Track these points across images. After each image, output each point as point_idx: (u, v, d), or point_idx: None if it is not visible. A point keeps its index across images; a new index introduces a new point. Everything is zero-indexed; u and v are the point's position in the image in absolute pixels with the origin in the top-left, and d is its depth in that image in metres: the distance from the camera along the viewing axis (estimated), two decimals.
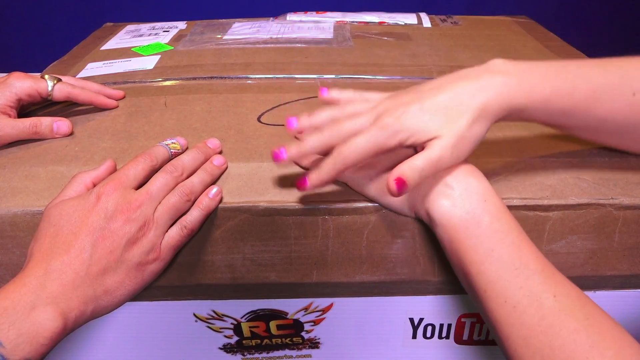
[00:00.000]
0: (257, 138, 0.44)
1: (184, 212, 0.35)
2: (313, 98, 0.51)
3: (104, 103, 0.49)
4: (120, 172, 0.35)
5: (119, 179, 0.34)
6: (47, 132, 0.44)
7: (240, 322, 0.44)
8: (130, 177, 0.35)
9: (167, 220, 0.34)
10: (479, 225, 0.32)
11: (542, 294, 0.29)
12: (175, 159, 0.37)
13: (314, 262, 0.39)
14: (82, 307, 0.31)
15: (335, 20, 0.80)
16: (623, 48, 1.34)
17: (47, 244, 0.32)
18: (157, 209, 0.34)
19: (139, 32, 0.75)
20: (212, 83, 0.55)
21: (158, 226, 0.34)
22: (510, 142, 0.43)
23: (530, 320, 0.29)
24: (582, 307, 0.28)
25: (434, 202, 0.33)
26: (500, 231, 0.31)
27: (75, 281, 0.31)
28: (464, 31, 0.75)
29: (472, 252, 0.31)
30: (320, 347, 0.46)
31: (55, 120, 0.45)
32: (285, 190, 0.38)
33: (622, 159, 0.41)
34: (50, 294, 0.30)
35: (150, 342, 0.45)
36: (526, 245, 0.31)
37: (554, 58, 0.63)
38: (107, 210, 0.32)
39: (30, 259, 0.32)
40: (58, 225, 0.32)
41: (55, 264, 0.31)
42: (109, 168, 0.37)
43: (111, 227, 0.32)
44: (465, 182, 0.33)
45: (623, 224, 0.38)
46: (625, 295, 0.43)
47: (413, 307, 0.44)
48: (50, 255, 0.31)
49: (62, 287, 0.30)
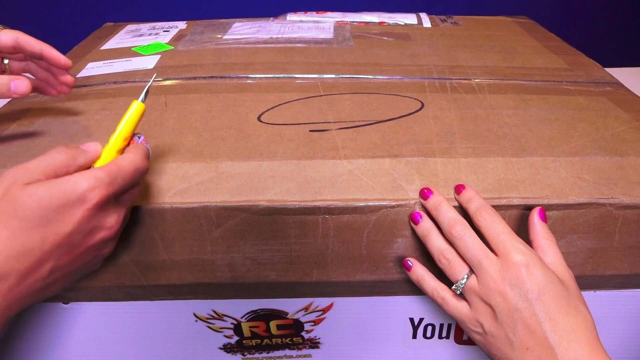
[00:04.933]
0: (257, 137, 0.44)
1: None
2: (313, 98, 0.51)
3: (55, 57, 0.43)
4: (113, 177, 0.31)
5: (112, 186, 0.30)
6: (4, 91, 0.40)
7: (240, 321, 0.44)
8: (119, 186, 0.31)
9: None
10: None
11: None
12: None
13: (314, 261, 0.39)
14: (17, 310, 0.29)
15: (336, 20, 0.80)
16: (623, 48, 1.34)
17: (4, 239, 0.27)
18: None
19: (139, 32, 0.75)
20: (212, 83, 0.55)
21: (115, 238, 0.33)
22: (510, 141, 0.43)
23: None
24: None
25: None
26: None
27: (20, 295, 0.28)
28: (464, 31, 0.75)
29: None
30: (320, 347, 0.46)
31: (13, 78, 0.40)
32: (285, 189, 0.38)
33: (622, 159, 0.41)
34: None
35: (150, 342, 0.45)
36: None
37: (554, 58, 0.63)
38: (87, 227, 0.30)
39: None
40: (25, 220, 0.28)
41: (4, 272, 0.27)
42: (94, 156, 0.33)
43: (85, 244, 0.30)
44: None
45: (623, 224, 0.38)
46: (625, 295, 0.43)
47: (413, 307, 0.44)
48: (4, 261, 0.27)
49: (5, 303, 0.28)
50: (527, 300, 0.32)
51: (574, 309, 0.32)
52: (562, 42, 0.70)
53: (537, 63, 0.61)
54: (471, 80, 0.55)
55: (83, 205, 0.29)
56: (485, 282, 0.33)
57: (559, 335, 0.31)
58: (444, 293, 0.36)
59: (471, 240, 0.34)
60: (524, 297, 0.32)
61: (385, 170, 0.40)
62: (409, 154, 0.41)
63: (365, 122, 0.46)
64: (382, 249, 0.39)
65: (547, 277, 0.32)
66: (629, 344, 0.47)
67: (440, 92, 0.52)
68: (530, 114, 0.48)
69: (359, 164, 0.40)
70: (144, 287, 0.40)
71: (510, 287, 0.32)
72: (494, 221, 0.34)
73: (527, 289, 0.32)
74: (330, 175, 0.39)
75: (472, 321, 0.35)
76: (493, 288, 0.33)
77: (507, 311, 0.32)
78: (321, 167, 0.40)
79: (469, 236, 0.34)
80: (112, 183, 0.30)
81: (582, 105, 0.50)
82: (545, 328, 0.31)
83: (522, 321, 0.32)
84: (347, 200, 0.37)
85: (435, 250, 0.36)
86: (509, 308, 0.32)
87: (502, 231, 0.34)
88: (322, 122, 0.46)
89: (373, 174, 0.39)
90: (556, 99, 0.51)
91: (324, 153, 0.41)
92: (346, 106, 0.49)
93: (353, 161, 0.40)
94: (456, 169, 0.40)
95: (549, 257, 0.34)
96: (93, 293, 0.41)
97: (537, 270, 0.32)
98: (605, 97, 0.52)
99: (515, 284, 0.32)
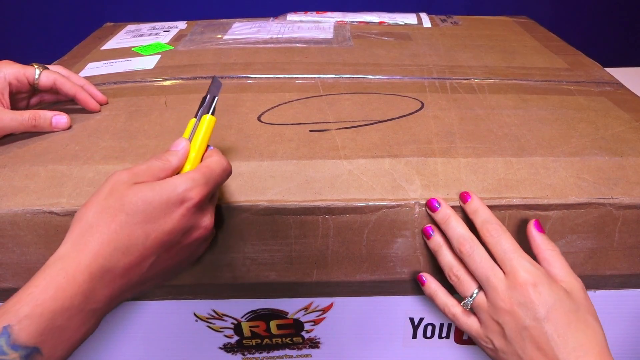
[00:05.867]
0: (258, 137, 0.44)
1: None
2: (313, 98, 0.51)
3: (85, 99, 0.48)
4: (207, 177, 0.32)
5: (207, 186, 0.32)
6: (45, 126, 0.45)
7: (240, 321, 0.44)
8: (213, 185, 0.33)
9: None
10: None
11: None
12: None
13: (314, 261, 0.39)
14: (115, 306, 0.31)
15: (336, 20, 0.80)
16: (623, 48, 1.34)
17: (112, 232, 0.29)
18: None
19: (139, 32, 0.75)
20: None
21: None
22: (510, 141, 0.43)
23: None
24: None
25: None
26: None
27: (122, 288, 0.30)
28: (464, 31, 0.75)
29: None
30: (320, 347, 0.46)
31: (55, 113, 0.45)
32: (285, 190, 0.38)
33: (622, 159, 0.41)
34: (98, 301, 0.29)
35: (150, 342, 0.45)
36: None
37: (554, 58, 0.63)
38: (186, 225, 0.32)
39: (85, 236, 0.29)
40: (131, 215, 0.30)
41: (112, 264, 0.29)
42: (185, 154, 0.34)
43: (183, 242, 0.32)
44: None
45: (623, 224, 0.38)
46: (625, 295, 0.43)
47: (413, 307, 0.44)
48: (111, 253, 0.29)
49: (109, 295, 0.30)
50: (535, 319, 0.32)
51: (583, 324, 0.32)
52: (562, 42, 0.70)
53: (537, 63, 0.61)
54: (471, 80, 0.55)
55: (183, 204, 0.31)
56: (494, 300, 0.33)
57: (567, 352, 0.31)
58: (454, 309, 0.37)
59: (479, 258, 0.34)
60: (532, 316, 0.32)
61: (385, 170, 0.40)
62: (409, 154, 0.41)
63: (365, 122, 0.46)
64: (382, 249, 0.39)
65: (554, 295, 0.32)
66: (629, 344, 0.47)
67: (440, 92, 0.52)
68: (530, 114, 0.48)
69: (359, 164, 0.40)
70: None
71: (518, 306, 0.32)
72: (500, 237, 0.35)
73: (535, 308, 0.32)
74: (330, 175, 0.39)
75: (483, 337, 0.35)
76: (501, 307, 0.33)
77: (515, 330, 0.32)
78: (321, 167, 0.40)
79: (477, 254, 0.35)
80: (207, 183, 0.32)
81: (582, 105, 0.50)
82: (554, 346, 0.31)
83: (531, 340, 0.32)
84: (347, 200, 0.37)
85: (446, 266, 0.37)
86: (517, 327, 0.32)
87: (509, 248, 0.34)
88: (322, 122, 0.46)
89: (373, 174, 0.39)
90: (556, 99, 0.51)
91: (324, 153, 0.41)
92: (346, 106, 0.49)
93: (353, 161, 0.40)
94: (456, 169, 0.40)
95: (555, 269, 0.34)
96: None
97: (545, 288, 0.32)
98: (605, 97, 0.52)
99: (523, 303, 0.32)
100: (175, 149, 0.34)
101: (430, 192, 0.38)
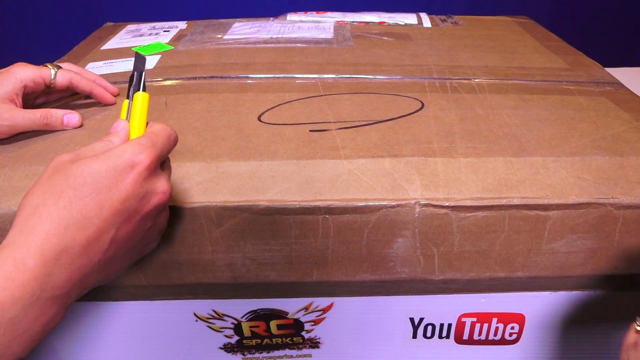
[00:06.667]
0: (258, 137, 0.44)
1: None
2: (313, 98, 0.51)
3: (102, 94, 0.49)
4: (154, 140, 0.32)
5: (155, 148, 0.31)
6: (57, 124, 0.45)
7: (240, 321, 0.44)
8: (161, 149, 0.32)
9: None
10: None
11: None
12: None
13: (314, 261, 0.39)
14: (79, 293, 0.29)
15: (336, 20, 0.80)
16: (623, 48, 1.34)
17: (61, 208, 0.27)
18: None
19: (139, 32, 0.75)
20: (212, 83, 0.55)
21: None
22: (511, 141, 0.43)
23: None
24: None
25: None
26: None
27: (84, 270, 0.28)
28: (464, 31, 0.75)
29: None
30: (320, 347, 0.46)
31: (66, 112, 0.45)
32: (286, 189, 0.38)
33: (623, 159, 0.41)
34: (58, 287, 0.27)
35: (150, 342, 0.45)
36: None
37: (554, 58, 0.63)
38: (141, 191, 0.30)
39: (32, 219, 0.27)
40: (79, 188, 0.28)
41: (67, 242, 0.27)
42: (126, 133, 0.33)
43: (141, 210, 0.30)
44: None
45: (623, 224, 0.38)
46: (625, 295, 0.43)
47: (413, 307, 0.44)
48: (64, 230, 0.27)
49: (69, 279, 0.27)
50: None
51: None
52: (562, 42, 0.70)
53: (537, 63, 0.61)
54: (471, 80, 0.55)
55: (133, 169, 0.29)
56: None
57: None
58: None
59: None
60: None
61: (385, 170, 0.40)
62: (409, 154, 0.41)
63: (365, 122, 0.46)
64: (382, 249, 0.39)
65: None
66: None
67: (440, 92, 0.52)
68: (530, 114, 0.48)
69: (359, 163, 0.40)
70: (144, 287, 0.40)
71: None
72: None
73: None
74: (330, 175, 0.39)
75: None
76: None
77: None
78: (321, 167, 0.40)
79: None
80: (154, 146, 0.31)
81: (582, 105, 0.50)
82: None
83: None
84: (347, 200, 0.37)
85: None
86: None
87: None
88: (322, 122, 0.46)
89: (373, 174, 0.39)
90: (556, 99, 0.51)
91: (324, 153, 0.41)
92: (346, 106, 0.49)
93: (353, 161, 0.40)
94: (456, 169, 0.40)
95: None
96: (93, 293, 0.41)
97: None
98: (605, 97, 0.52)
99: None
100: (115, 130, 0.33)
101: (430, 192, 0.38)
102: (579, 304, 0.44)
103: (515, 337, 0.46)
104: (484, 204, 0.37)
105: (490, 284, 0.41)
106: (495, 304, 0.44)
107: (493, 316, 0.44)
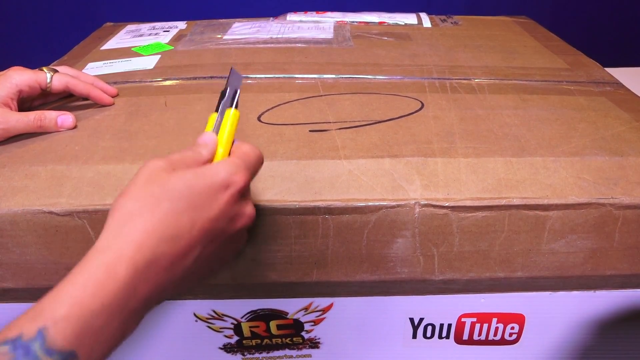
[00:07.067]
0: (258, 137, 0.44)
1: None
2: (313, 98, 0.51)
3: (99, 97, 0.49)
4: (247, 162, 0.31)
5: (249, 170, 0.31)
6: (51, 126, 0.45)
7: (240, 322, 0.44)
8: (253, 170, 0.32)
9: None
10: None
11: None
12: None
13: (314, 261, 0.39)
14: (152, 308, 0.28)
15: (336, 20, 0.80)
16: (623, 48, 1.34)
17: (157, 220, 0.27)
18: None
19: (139, 32, 0.75)
20: (212, 83, 0.55)
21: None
22: (510, 141, 0.43)
23: None
24: None
25: None
26: None
27: (165, 285, 0.28)
28: (464, 31, 0.75)
29: None
30: (320, 347, 0.46)
31: (60, 114, 0.45)
32: (285, 190, 0.38)
33: (622, 159, 0.41)
34: (139, 299, 0.26)
35: (150, 342, 0.45)
36: None
37: (554, 58, 0.63)
38: (231, 212, 0.30)
39: (126, 226, 0.27)
40: (176, 202, 0.28)
41: (157, 255, 0.27)
42: (214, 147, 0.32)
43: (228, 231, 0.30)
44: None
45: (623, 224, 0.38)
46: (625, 295, 0.43)
47: (413, 307, 0.44)
48: (157, 243, 0.27)
49: (150, 292, 0.27)
50: None
51: None
52: (562, 42, 0.70)
53: (537, 63, 0.61)
54: (471, 80, 0.55)
55: (227, 189, 0.29)
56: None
57: None
58: None
59: None
60: None
61: (385, 170, 0.40)
62: (409, 154, 0.41)
63: (365, 122, 0.46)
64: (382, 249, 0.39)
65: None
66: (629, 344, 0.47)
67: (440, 92, 0.52)
68: (530, 114, 0.48)
69: (359, 164, 0.40)
70: None
71: None
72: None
73: None
74: (330, 175, 0.39)
75: None
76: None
77: None
78: (321, 167, 0.40)
79: None
80: (248, 168, 0.31)
81: (582, 105, 0.50)
82: None
83: None
84: (347, 200, 0.37)
85: None
86: None
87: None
88: (322, 122, 0.46)
89: (373, 174, 0.39)
90: (556, 99, 0.51)
91: (324, 153, 0.41)
92: (346, 106, 0.49)
93: (353, 161, 0.40)
94: (456, 169, 0.40)
95: None
96: None
97: None
98: (605, 97, 0.52)
99: None
100: (204, 142, 0.32)
101: (430, 192, 0.38)
102: (578, 304, 0.44)
103: (515, 338, 0.46)
104: (483, 204, 0.37)
105: (490, 284, 0.41)
106: (495, 304, 0.44)
107: (493, 316, 0.44)
